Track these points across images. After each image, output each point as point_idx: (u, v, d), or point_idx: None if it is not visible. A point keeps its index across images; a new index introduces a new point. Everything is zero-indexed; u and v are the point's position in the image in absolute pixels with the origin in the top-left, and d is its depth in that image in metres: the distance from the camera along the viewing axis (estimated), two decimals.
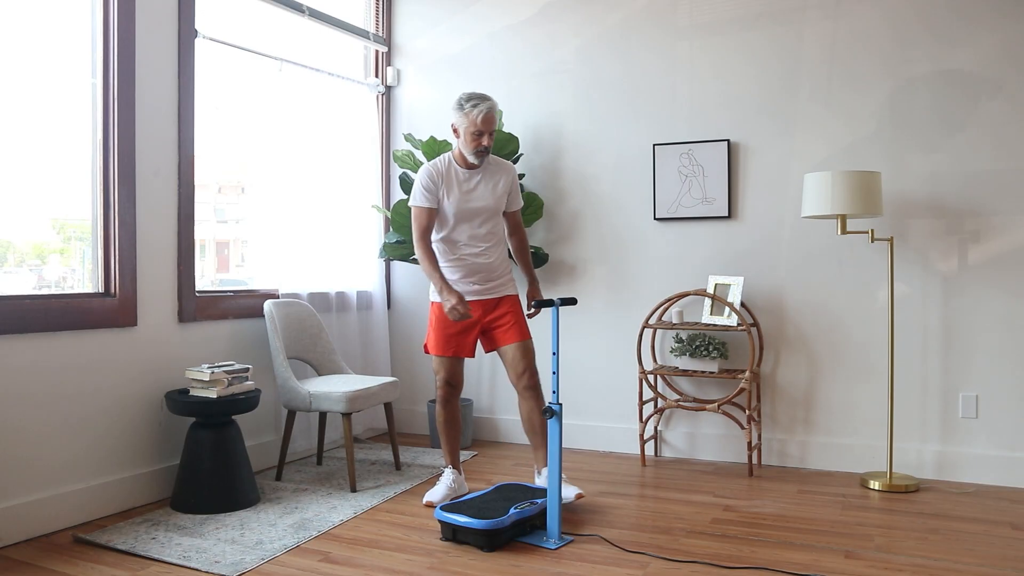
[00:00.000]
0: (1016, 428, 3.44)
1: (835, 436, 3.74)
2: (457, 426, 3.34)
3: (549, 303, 2.85)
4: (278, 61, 3.86)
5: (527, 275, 3.34)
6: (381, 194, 4.62)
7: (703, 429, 3.99)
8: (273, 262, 3.92)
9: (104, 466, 3.06)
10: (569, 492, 3.11)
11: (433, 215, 3.14)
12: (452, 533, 2.76)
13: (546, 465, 3.19)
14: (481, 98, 3.05)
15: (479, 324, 3.21)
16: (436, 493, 3.22)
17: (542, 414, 3.07)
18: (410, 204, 3.16)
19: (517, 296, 3.29)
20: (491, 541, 2.67)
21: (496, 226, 3.24)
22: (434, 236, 3.20)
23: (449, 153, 3.21)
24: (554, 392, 2.82)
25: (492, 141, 3.11)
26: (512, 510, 2.75)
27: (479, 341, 3.27)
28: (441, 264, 3.18)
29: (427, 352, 3.29)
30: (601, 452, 4.12)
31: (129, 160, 3.15)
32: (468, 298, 3.17)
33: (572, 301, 2.99)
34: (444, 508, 2.78)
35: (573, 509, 3.12)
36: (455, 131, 3.10)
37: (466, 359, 3.29)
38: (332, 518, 3.01)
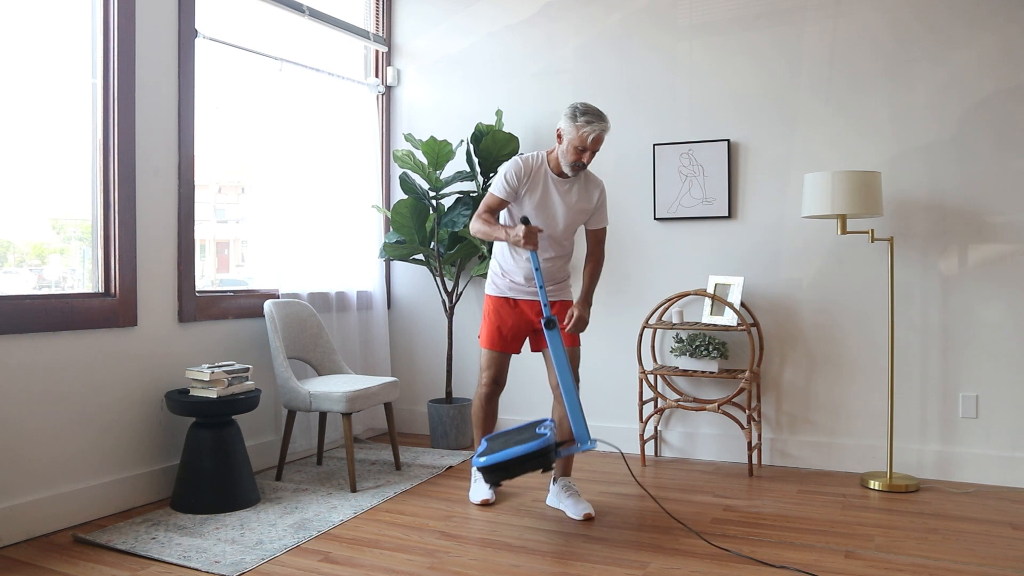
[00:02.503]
0: (1016, 428, 3.44)
1: (835, 436, 3.74)
2: (494, 422, 3.31)
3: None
4: (278, 61, 3.86)
5: (583, 291, 3.12)
6: (381, 194, 4.62)
7: (703, 429, 3.99)
8: (273, 262, 3.92)
9: (104, 466, 3.06)
10: (579, 510, 3.02)
11: (503, 205, 3.04)
12: (505, 474, 2.71)
13: (564, 474, 3.17)
14: (597, 116, 2.92)
15: (531, 323, 3.13)
16: (483, 491, 3.22)
17: (545, 325, 2.87)
18: (491, 192, 3.05)
19: (572, 303, 3.18)
20: (547, 459, 2.67)
21: (568, 240, 3.14)
22: None
23: (544, 152, 3.08)
24: (545, 306, 2.89)
25: (592, 159, 3.00)
26: (541, 430, 2.75)
27: (528, 340, 3.22)
28: (506, 260, 3.10)
29: (481, 346, 3.21)
30: (601, 452, 4.12)
31: (129, 160, 3.15)
32: (523, 298, 3.11)
33: (524, 221, 2.93)
34: (481, 457, 2.73)
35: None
36: (559, 136, 2.97)
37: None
38: (332, 518, 3.01)
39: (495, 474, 2.75)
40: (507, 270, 3.12)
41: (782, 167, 3.82)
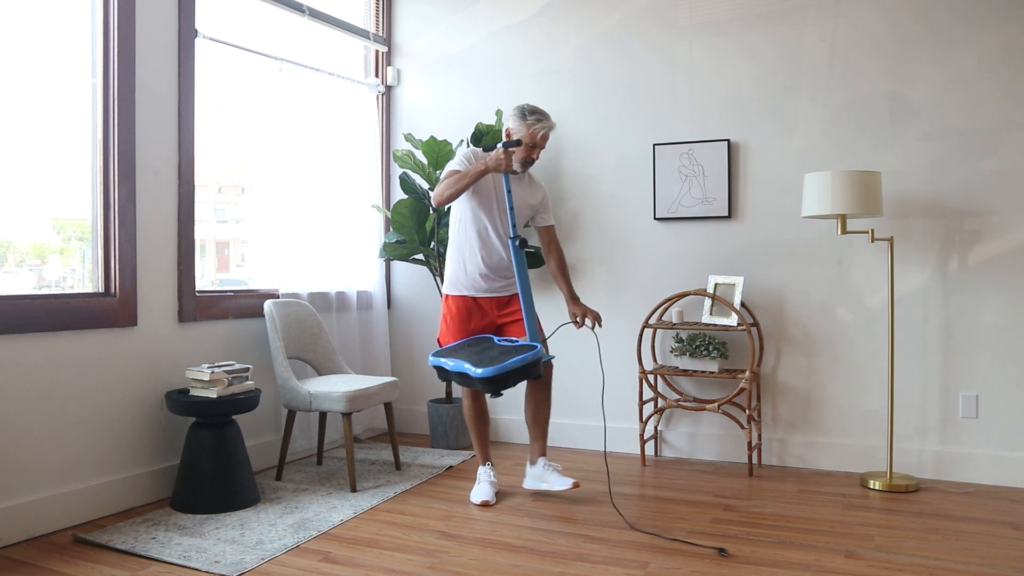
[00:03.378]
0: (1016, 428, 3.44)
1: (835, 436, 3.74)
2: (486, 420, 3.39)
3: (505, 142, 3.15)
4: (278, 61, 3.86)
5: (566, 291, 3.36)
6: (381, 194, 4.62)
7: (703, 429, 3.99)
8: (273, 262, 3.92)
9: (104, 466, 3.06)
10: (565, 481, 3.16)
11: None
12: (505, 384, 2.86)
13: (541, 455, 3.28)
14: (543, 115, 3.20)
15: (493, 321, 3.29)
16: (484, 492, 3.24)
17: (521, 245, 3.13)
18: (447, 168, 3.21)
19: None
20: (539, 368, 2.94)
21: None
22: (468, 226, 3.23)
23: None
24: (513, 226, 3.13)
25: (539, 155, 3.28)
26: (504, 342, 3.06)
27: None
28: (469, 252, 3.22)
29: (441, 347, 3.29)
30: (601, 452, 4.12)
31: (129, 160, 3.15)
32: (483, 295, 3.25)
33: (516, 143, 3.15)
34: (478, 368, 2.83)
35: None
36: (508, 135, 3.21)
37: None
38: (332, 518, 3.01)
39: (496, 384, 2.86)
40: (469, 268, 3.23)
41: (782, 167, 3.82)
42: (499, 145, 3.11)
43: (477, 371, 2.83)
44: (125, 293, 3.14)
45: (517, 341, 3.08)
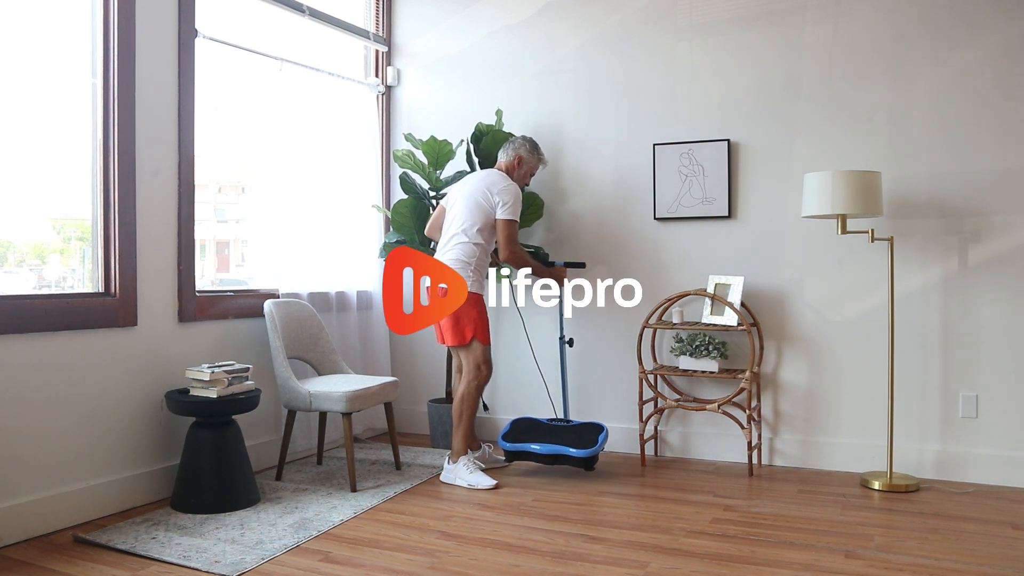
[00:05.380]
0: (1016, 428, 3.44)
1: (835, 436, 3.74)
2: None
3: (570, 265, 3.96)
4: (278, 61, 3.86)
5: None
6: (381, 194, 4.62)
7: (703, 429, 3.99)
8: (273, 262, 3.92)
9: (104, 466, 3.06)
10: (490, 481, 3.45)
11: None
12: (597, 460, 3.56)
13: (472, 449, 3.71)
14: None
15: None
16: (488, 477, 3.48)
17: (568, 343, 3.91)
18: (514, 218, 3.53)
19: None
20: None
21: None
22: (487, 243, 3.58)
23: (506, 174, 3.67)
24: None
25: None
26: (559, 419, 3.71)
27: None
28: (485, 262, 3.62)
29: (480, 342, 3.52)
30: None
31: (129, 160, 3.15)
32: (478, 291, 3.55)
33: (580, 264, 3.99)
34: (576, 449, 3.44)
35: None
36: (520, 161, 3.70)
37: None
38: (332, 518, 3.01)
39: (594, 461, 3.55)
40: (484, 272, 3.63)
41: (782, 167, 3.82)
42: (560, 263, 3.90)
43: (579, 452, 3.46)
44: (125, 293, 3.14)
45: (572, 421, 3.69)
